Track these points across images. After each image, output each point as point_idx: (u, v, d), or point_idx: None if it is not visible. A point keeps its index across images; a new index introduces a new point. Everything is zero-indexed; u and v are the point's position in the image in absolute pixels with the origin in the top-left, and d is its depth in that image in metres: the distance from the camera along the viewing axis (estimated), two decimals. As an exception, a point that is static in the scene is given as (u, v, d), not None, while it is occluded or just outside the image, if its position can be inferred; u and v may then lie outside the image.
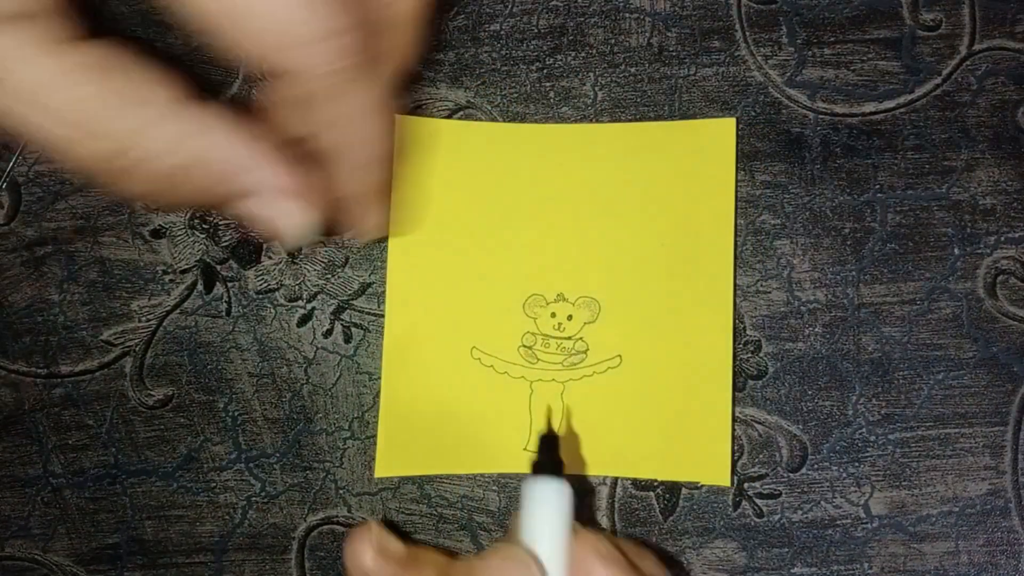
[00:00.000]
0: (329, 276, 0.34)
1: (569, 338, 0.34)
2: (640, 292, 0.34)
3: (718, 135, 0.34)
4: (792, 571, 0.33)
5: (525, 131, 0.35)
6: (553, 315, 0.34)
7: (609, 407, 0.33)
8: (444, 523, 0.33)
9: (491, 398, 0.33)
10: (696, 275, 0.33)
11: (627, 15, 0.35)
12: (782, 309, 0.34)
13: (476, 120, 0.35)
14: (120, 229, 0.35)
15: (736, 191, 0.34)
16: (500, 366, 0.34)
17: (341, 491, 0.34)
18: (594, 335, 0.34)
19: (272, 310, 0.34)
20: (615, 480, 0.33)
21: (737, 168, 0.34)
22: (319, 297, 0.34)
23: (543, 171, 0.34)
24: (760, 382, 0.34)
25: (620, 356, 0.33)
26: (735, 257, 0.34)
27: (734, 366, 0.33)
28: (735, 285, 0.34)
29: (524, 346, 0.34)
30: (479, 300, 0.34)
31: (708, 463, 0.33)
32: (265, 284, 0.34)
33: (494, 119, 0.35)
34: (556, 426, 0.33)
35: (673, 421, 0.33)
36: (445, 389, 0.34)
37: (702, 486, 0.33)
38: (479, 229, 0.34)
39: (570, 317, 0.34)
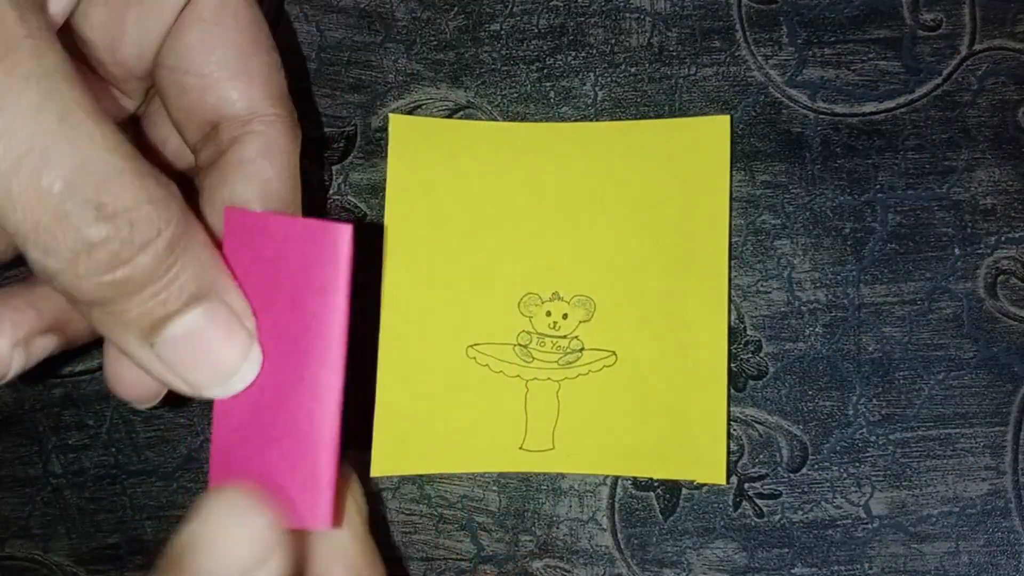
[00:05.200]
0: (329, 276, 0.34)
1: (564, 337, 0.34)
2: (635, 290, 0.34)
3: (713, 132, 0.34)
4: (792, 571, 0.33)
5: (521, 130, 0.35)
6: (548, 314, 0.34)
7: (604, 405, 0.33)
8: (444, 523, 0.33)
9: (486, 397, 0.33)
10: (691, 272, 0.33)
11: (627, 15, 0.35)
12: (782, 309, 0.34)
13: (476, 120, 0.35)
14: (120, 229, 0.35)
15: (734, 190, 0.34)
16: (495, 365, 0.34)
17: (341, 491, 0.34)
18: (589, 334, 0.34)
19: (272, 310, 0.34)
20: (615, 480, 0.33)
21: (737, 168, 0.34)
22: (319, 297, 0.34)
23: (538, 170, 0.34)
24: (760, 382, 0.34)
25: (615, 354, 0.33)
26: (735, 256, 0.34)
27: (734, 366, 0.33)
28: (736, 285, 0.34)
29: (519, 345, 0.34)
30: (475, 299, 0.34)
31: (704, 462, 0.33)
32: (265, 284, 0.34)
33: (494, 119, 0.35)
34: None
35: (668, 419, 0.33)
36: (440, 388, 0.34)
37: (703, 486, 0.33)
38: (475, 228, 0.34)
39: (565, 316, 0.34)
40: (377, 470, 0.33)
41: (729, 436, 0.33)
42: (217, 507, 0.21)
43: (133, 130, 0.29)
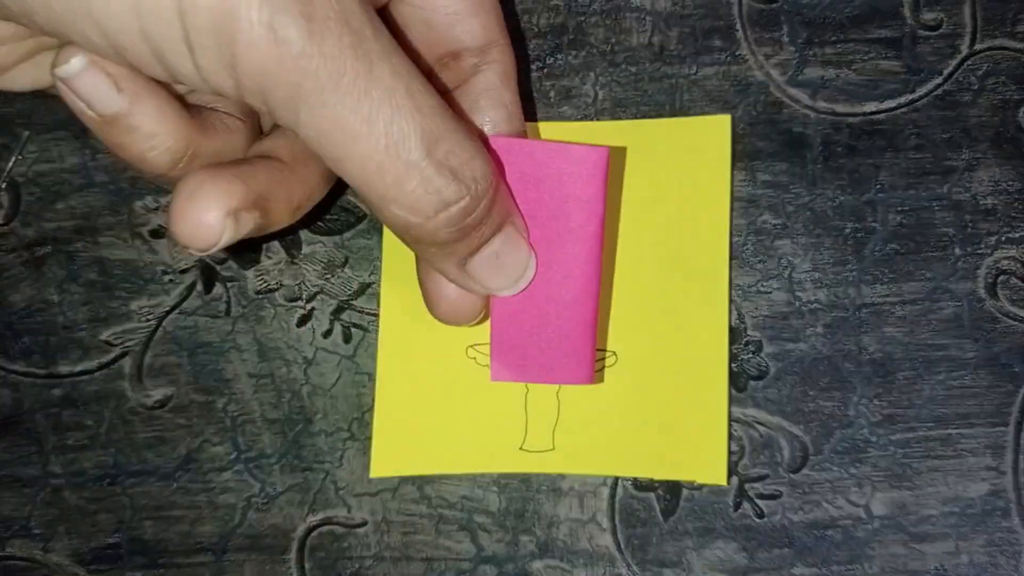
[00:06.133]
0: (329, 276, 0.34)
1: (567, 337, 0.34)
2: (635, 290, 0.34)
3: (713, 132, 0.34)
4: (793, 572, 0.33)
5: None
6: None
7: (605, 406, 0.33)
8: (444, 523, 0.33)
9: (486, 397, 0.33)
10: (692, 272, 0.33)
11: (628, 14, 0.35)
12: (783, 309, 0.34)
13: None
14: (119, 229, 0.35)
15: (735, 190, 0.34)
16: None
17: (341, 492, 0.34)
18: None
19: (271, 310, 0.34)
20: (615, 481, 0.33)
21: (738, 168, 0.34)
22: (319, 297, 0.34)
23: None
24: (761, 383, 0.33)
25: (615, 354, 0.33)
26: (735, 256, 0.34)
27: (735, 366, 0.33)
28: (736, 285, 0.34)
29: (522, 345, 0.34)
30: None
31: (704, 462, 0.33)
32: (265, 284, 0.34)
33: (494, 119, 0.35)
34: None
35: (669, 419, 0.33)
36: (440, 388, 0.34)
37: (703, 487, 0.33)
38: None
39: None
40: (377, 471, 0.33)
41: (730, 436, 0.33)
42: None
43: None
